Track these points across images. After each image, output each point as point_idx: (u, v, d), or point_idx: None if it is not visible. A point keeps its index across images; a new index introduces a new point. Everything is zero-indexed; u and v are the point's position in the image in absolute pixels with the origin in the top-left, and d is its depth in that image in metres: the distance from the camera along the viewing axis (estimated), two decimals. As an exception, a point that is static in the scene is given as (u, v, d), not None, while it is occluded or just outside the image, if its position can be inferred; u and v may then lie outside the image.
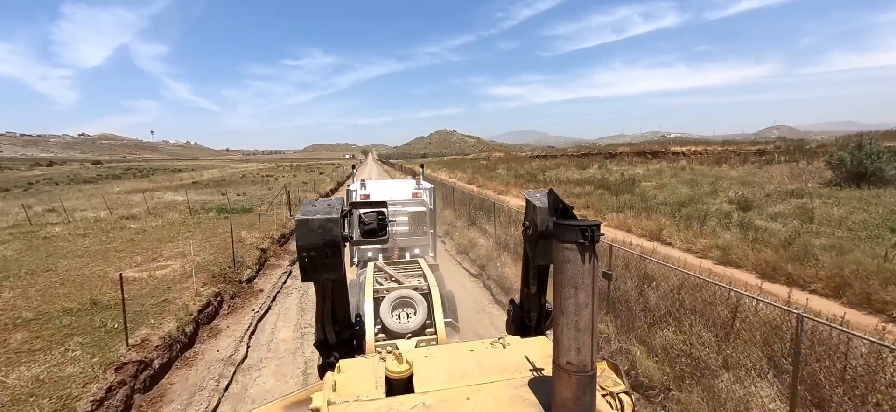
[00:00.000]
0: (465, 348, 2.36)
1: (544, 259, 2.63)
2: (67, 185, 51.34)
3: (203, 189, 39.33)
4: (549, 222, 2.37)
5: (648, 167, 38.08)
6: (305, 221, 2.26)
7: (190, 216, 21.13)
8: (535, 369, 2.09)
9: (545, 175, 40.92)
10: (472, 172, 48.64)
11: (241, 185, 42.12)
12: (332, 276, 2.40)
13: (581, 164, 49.15)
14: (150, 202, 26.94)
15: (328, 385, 2.00)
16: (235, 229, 17.24)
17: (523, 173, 44.15)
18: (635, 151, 47.49)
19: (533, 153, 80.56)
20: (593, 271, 1.55)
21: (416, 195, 7.75)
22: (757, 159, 37.25)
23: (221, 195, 31.44)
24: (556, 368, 1.67)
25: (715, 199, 19.39)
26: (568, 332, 1.60)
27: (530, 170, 48.50)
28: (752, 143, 40.55)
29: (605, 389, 1.91)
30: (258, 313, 10.05)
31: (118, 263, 12.24)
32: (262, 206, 24.26)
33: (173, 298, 9.35)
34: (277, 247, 15.85)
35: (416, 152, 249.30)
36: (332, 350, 2.68)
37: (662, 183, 25.65)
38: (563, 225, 1.59)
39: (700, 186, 22.76)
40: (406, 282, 4.94)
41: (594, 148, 59.93)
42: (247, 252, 13.74)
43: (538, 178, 37.86)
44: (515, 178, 39.15)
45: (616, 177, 31.82)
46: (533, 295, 2.85)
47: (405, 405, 1.82)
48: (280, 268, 13.86)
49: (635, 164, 44.09)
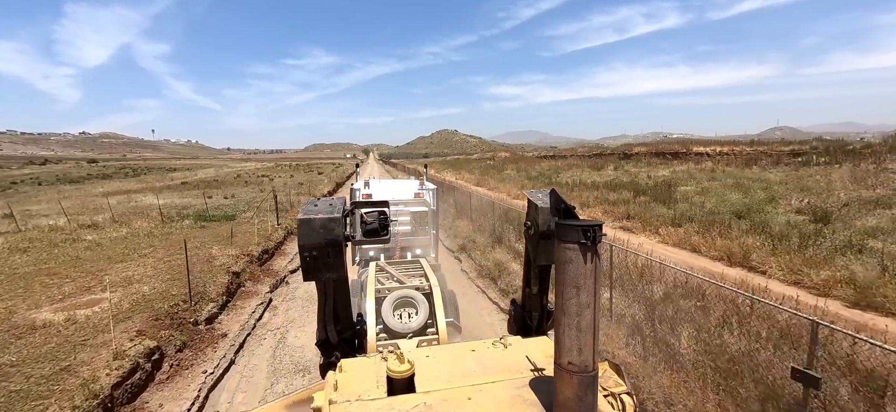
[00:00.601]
0: (467, 348, 2.35)
1: (546, 259, 2.58)
2: (52, 184, 48.33)
3: (191, 190, 36.21)
4: (551, 222, 2.32)
5: (675, 169, 34.84)
6: (307, 221, 2.22)
7: (161, 225, 17.97)
8: (537, 369, 2.08)
9: (560, 177, 37.74)
10: (480, 173, 45.42)
11: (233, 187, 39.04)
12: (333, 276, 2.37)
13: (595, 165, 45.99)
14: (125, 206, 23.92)
15: (330, 384, 1.99)
16: (209, 243, 14.12)
17: (536, 174, 40.99)
18: (653, 152, 44.27)
19: (539, 153, 77.40)
20: (595, 271, 1.54)
21: (419, 195, 7.76)
22: (791, 161, 34.03)
23: (208, 198, 28.33)
24: (558, 368, 1.66)
25: (776, 207, 16.19)
26: (570, 333, 1.60)
27: (542, 171, 45.35)
28: (784, 144, 37.31)
29: (606, 390, 1.90)
30: (212, 376, 6.92)
31: (39, 294, 9.18)
32: (247, 213, 21.11)
33: (81, 363, 6.27)
34: (256, 268, 12.73)
35: (418, 152, 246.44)
36: (333, 349, 2.62)
37: (703, 187, 22.45)
38: (564, 225, 1.58)
39: (753, 192, 19.54)
40: (408, 282, 4.88)
41: (606, 148, 56.72)
42: (213, 277, 10.69)
43: (555, 181, 34.67)
44: (529, 181, 35.96)
45: (643, 179, 28.65)
46: (534, 295, 2.80)
47: (406, 404, 1.81)
48: (256, 297, 10.76)
49: (655, 165, 40.94)
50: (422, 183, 8.11)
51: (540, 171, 43.87)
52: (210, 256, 12.72)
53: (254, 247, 13.91)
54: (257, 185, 41.21)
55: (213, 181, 46.95)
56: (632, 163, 44.12)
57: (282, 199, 24.96)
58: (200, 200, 27.35)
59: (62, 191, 38.98)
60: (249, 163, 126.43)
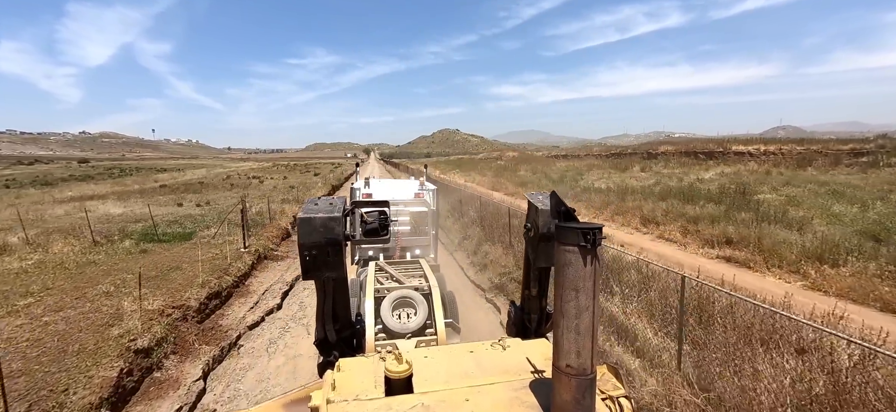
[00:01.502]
0: (465, 349, 2.37)
1: (546, 261, 2.62)
2: (23, 187, 43.76)
3: (166, 195, 31.94)
4: (550, 224, 2.38)
5: (721, 171, 30.12)
6: (307, 220, 2.25)
7: (89, 249, 13.30)
8: (535, 371, 2.09)
9: (588, 180, 33.18)
10: (494, 175, 40.64)
11: (216, 191, 34.72)
12: (333, 275, 2.40)
13: (618, 165, 41.41)
14: (72, 218, 19.56)
15: (327, 383, 2.00)
16: (130, 284, 9.84)
17: (557, 177, 36.27)
18: (682, 151, 39.53)
19: (549, 152, 72.54)
20: (594, 274, 1.56)
21: (419, 195, 7.83)
22: (853, 161, 29.55)
23: (178, 206, 23.76)
24: (556, 371, 1.68)
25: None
26: (568, 335, 1.61)
27: (563, 172, 40.67)
28: (842, 142, 32.61)
29: (604, 393, 1.90)
30: None
31: None
32: (210, 230, 16.43)
33: None
34: (191, 328, 7.98)
35: (419, 151, 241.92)
36: (331, 348, 2.66)
37: (789, 196, 17.68)
38: (564, 227, 1.59)
39: (868, 204, 14.77)
40: (407, 282, 4.87)
41: (624, 148, 51.97)
42: (96, 361, 5.95)
43: (580, 185, 29.99)
44: (552, 183, 31.14)
45: (692, 183, 24.01)
46: (534, 297, 2.84)
47: (404, 405, 1.83)
48: (171, 395, 6.05)
49: (689, 165, 36.57)
50: (422, 183, 8.20)
51: (561, 173, 39.26)
52: (116, 313, 8.06)
53: (195, 292, 9.21)
54: (244, 187, 36.75)
55: (197, 183, 42.62)
56: (660, 163, 39.49)
57: (261, 208, 20.32)
58: (168, 209, 23.01)
59: (23, 195, 34.42)
60: (246, 163, 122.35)
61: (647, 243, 13.95)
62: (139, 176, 61.39)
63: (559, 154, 65.80)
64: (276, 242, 16.46)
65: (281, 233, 17.63)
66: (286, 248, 16.51)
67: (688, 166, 37.27)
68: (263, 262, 14.17)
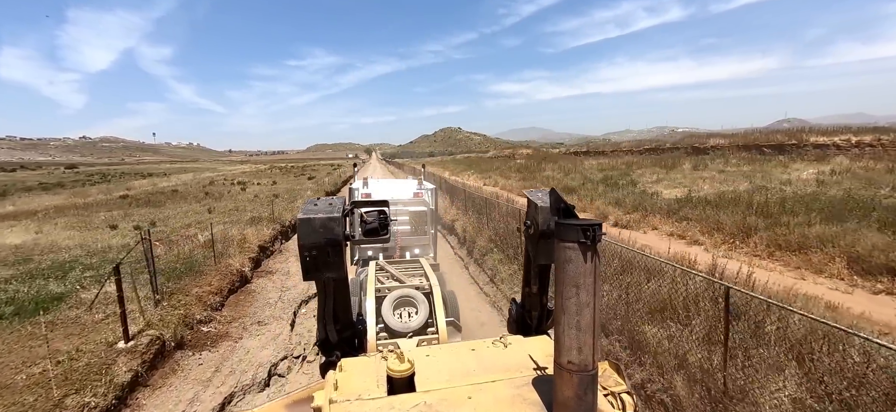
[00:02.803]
0: (467, 347, 2.38)
1: (546, 258, 2.59)
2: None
3: (116, 209, 25.28)
4: (550, 221, 2.32)
5: (817, 170, 23.46)
6: (307, 220, 2.22)
7: None
8: (537, 369, 2.10)
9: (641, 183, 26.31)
10: (519, 176, 33.69)
11: (185, 202, 28.76)
12: (333, 275, 2.37)
13: (661, 162, 34.82)
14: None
15: (330, 383, 2.01)
16: None
17: (597, 177, 29.54)
18: (739, 145, 32.81)
19: (567, 149, 65.48)
20: (595, 270, 1.56)
21: (418, 195, 7.85)
22: None
23: (110, 229, 17.31)
24: (558, 368, 1.67)
25: None
26: (569, 332, 1.60)
27: (601, 172, 33.74)
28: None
29: (606, 389, 1.92)
30: None
31: None
32: (108, 288, 9.74)
33: None
34: None
35: (422, 151, 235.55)
36: (333, 349, 2.62)
37: None
38: (564, 224, 1.59)
39: None
40: (408, 282, 4.86)
41: (662, 142, 45.06)
42: None
43: (638, 188, 23.35)
44: (606, 189, 24.39)
45: (779, 185, 17.86)
46: (534, 294, 2.80)
47: (406, 404, 1.83)
48: None
49: (756, 162, 31.10)
50: (420, 182, 8.19)
51: (602, 173, 32.28)
52: None
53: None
54: (217, 198, 30.00)
55: (170, 192, 35.85)
56: (717, 160, 34.77)
57: (217, 233, 13.59)
58: (91, 236, 16.44)
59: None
60: (242, 166, 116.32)
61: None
62: (118, 183, 54.77)
63: (578, 151, 58.86)
64: (215, 302, 9.81)
65: (228, 282, 10.97)
66: (233, 312, 9.85)
67: (756, 163, 30.62)
68: (172, 359, 7.52)
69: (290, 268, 13.61)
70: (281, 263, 14.24)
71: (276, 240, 16.72)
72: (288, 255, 15.24)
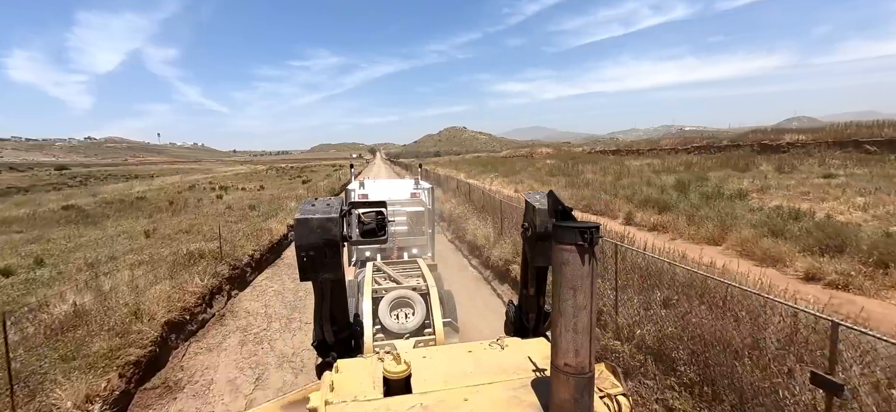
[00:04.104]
0: (464, 349, 2.34)
1: (543, 260, 2.60)
2: None
3: (30, 230, 18.65)
4: (548, 224, 2.35)
5: None
6: (304, 221, 2.21)
7: None
8: (534, 370, 2.07)
9: (728, 188, 19.56)
10: (565, 183, 26.56)
11: (140, 216, 21.86)
12: (330, 276, 2.36)
13: (728, 161, 28.23)
14: None
15: (326, 385, 1.98)
16: None
17: (666, 181, 22.89)
18: (829, 142, 26.08)
19: (593, 149, 58.33)
20: (592, 273, 1.56)
21: (415, 195, 7.77)
22: None
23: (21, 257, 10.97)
24: (554, 370, 1.67)
25: None
26: (566, 334, 1.60)
27: (668, 173, 27.07)
28: None
29: (602, 391, 1.89)
30: None
31: None
32: None
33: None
34: None
35: (427, 150, 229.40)
36: (330, 350, 2.60)
37: None
38: (562, 227, 1.59)
39: None
40: (404, 283, 4.83)
41: (717, 139, 38.08)
42: None
43: (748, 205, 16.43)
44: (696, 200, 17.57)
45: None
46: (531, 296, 2.80)
47: (403, 405, 1.81)
48: None
49: (869, 163, 24.42)
50: (417, 182, 8.06)
51: (671, 175, 25.50)
52: None
53: None
54: (180, 211, 23.36)
55: (135, 201, 29.21)
56: (806, 160, 27.45)
57: (124, 280, 7.52)
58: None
59: None
60: (240, 167, 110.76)
61: None
62: (97, 185, 48.73)
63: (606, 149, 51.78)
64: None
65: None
66: None
67: (871, 165, 23.63)
68: None
69: (220, 375, 7.06)
70: (207, 359, 7.69)
71: (215, 297, 10.10)
72: (231, 331, 8.70)
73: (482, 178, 35.95)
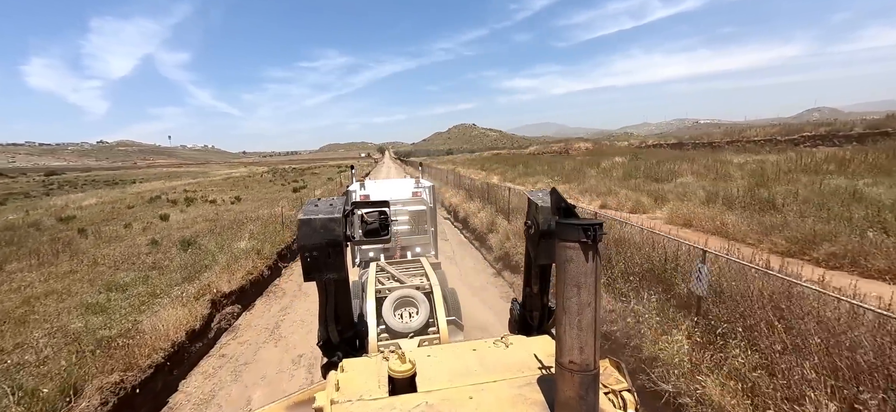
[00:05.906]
0: (468, 347, 2.35)
1: (547, 258, 2.55)
2: None
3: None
4: (551, 221, 2.32)
5: None
6: (307, 221, 2.21)
7: None
8: (539, 368, 2.07)
9: None
10: (654, 193, 18.95)
11: (51, 237, 15.74)
12: (334, 276, 2.35)
13: (810, 165, 20.06)
14: None
15: (331, 384, 1.98)
16: None
17: (821, 191, 14.89)
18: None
19: (644, 142, 51.35)
20: (596, 270, 1.55)
21: (417, 194, 7.75)
22: None
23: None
24: (559, 367, 1.66)
25: None
26: (571, 331, 1.59)
27: (830, 173, 19.15)
28: None
29: (607, 388, 1.89)
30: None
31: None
32: None
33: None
34: None
35: (438, 148, 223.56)
36: (335, 349, 2.62)
37: None
38: (565, 224, 1.58)
39: None
40: (408, 282, 4.81)
41: (772, 133, 30.76)
42: None
43: None
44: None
45: None
46: (535, 294, 2.78)
47: (408, 404, 1.81)
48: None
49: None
50: (417, 181, 8.03)
51: (851, 175, 17.94)
52: None
53: None
54: (76, 255, 16.23)
55: (60, 221, 22.95)
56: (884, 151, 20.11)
57: None
58: None
59: None
60: (242, 168, 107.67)
61: None
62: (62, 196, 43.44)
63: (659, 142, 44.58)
64: None
65: None
66: None
67: None
68: None
69: None
70: None
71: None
72: None
73: (524, 182, 27.99)
